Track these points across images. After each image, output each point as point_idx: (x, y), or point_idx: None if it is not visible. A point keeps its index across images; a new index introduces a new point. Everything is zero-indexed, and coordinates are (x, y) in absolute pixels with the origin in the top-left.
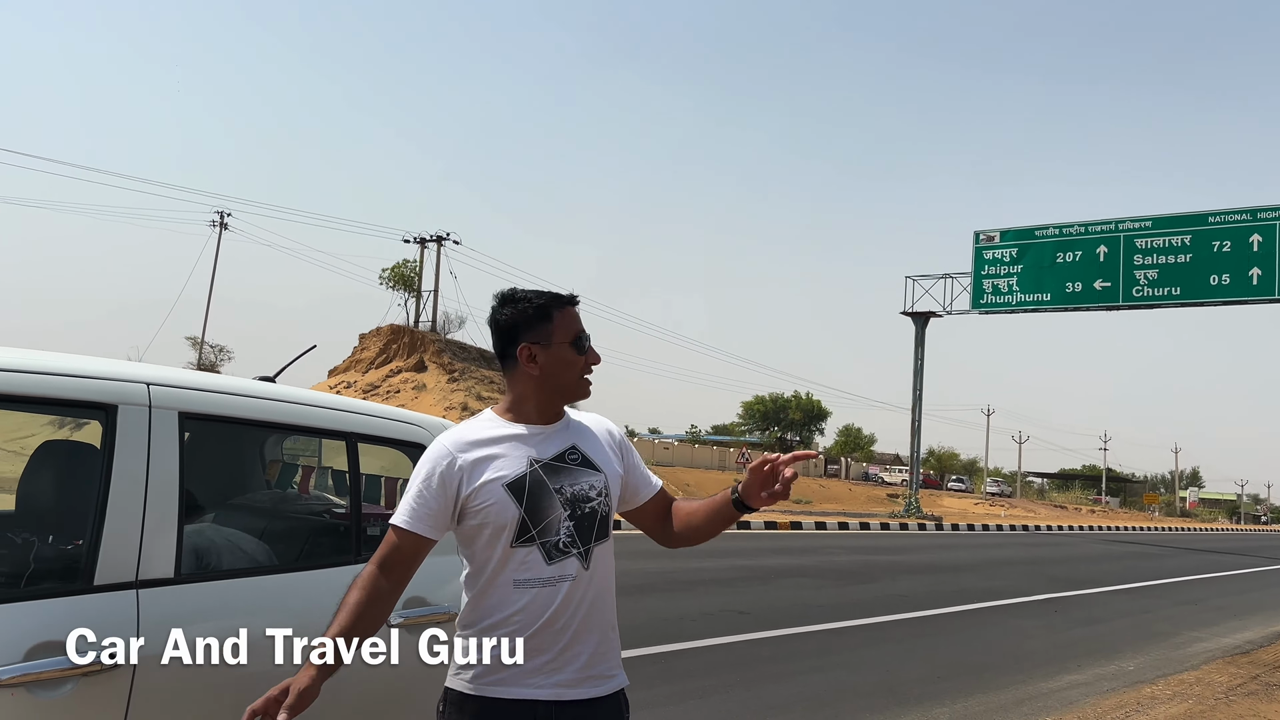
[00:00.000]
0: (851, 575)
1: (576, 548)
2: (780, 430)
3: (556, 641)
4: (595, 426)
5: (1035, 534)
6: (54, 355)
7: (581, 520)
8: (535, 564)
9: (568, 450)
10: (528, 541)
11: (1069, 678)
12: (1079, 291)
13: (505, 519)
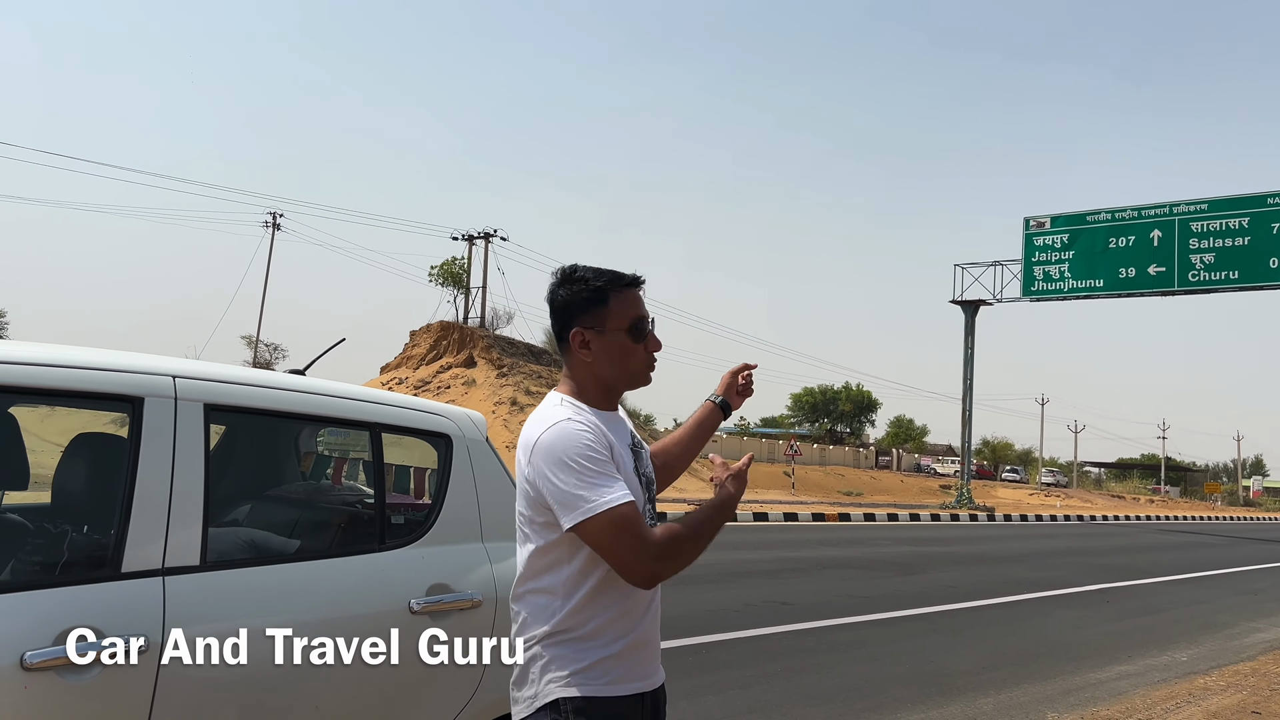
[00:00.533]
0: (899, 567)
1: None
2: (830, 422)
3: (653, 630)
4: (624, 414)
5: (1090, 524)
6: (82, 350)
7: (652, 503)
8: None
9: (633, 436)
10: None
11: (1119, 668)
12: (1133, 277)
13: (639, 505)
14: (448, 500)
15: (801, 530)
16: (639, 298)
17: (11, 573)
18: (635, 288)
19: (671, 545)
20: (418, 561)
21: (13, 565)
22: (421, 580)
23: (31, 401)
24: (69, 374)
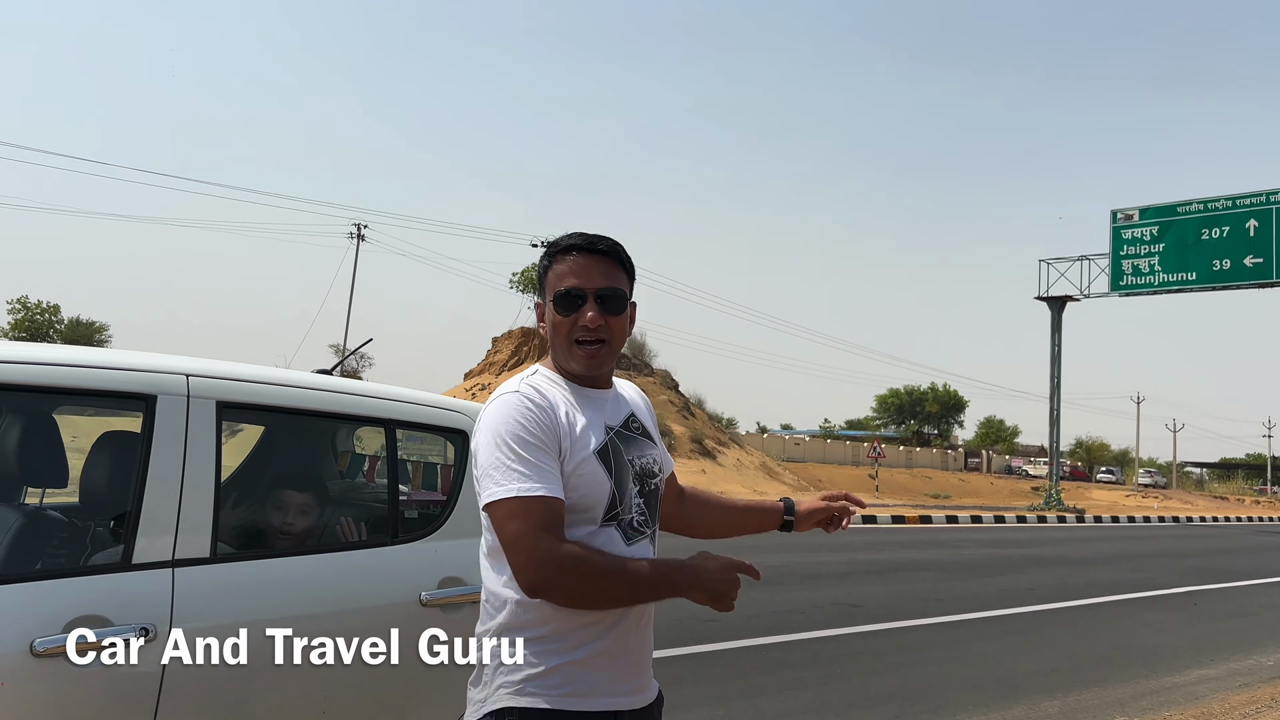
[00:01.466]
0: (977, 569)
1: (648, 528)
2: (916, 423)
3: (636, 640)
4: (635, 396)
5: (1188, 526)
6: (97, 350)
7: (649, 497)
8: (617, 546)
9: (630, 418)
10: (612, 519)
11: (1198, 672)
12: (1227, 269)
13: (600, 493)
14: (462, 494)
15: (878, 533)
16: (578, 265)
17: (39, 564)
18: (570, 254)
19: (571, 567)
20: (430, 555)
21: (41, 558)
22: (433, 573)
23: (47, 401)
24: (83, 373)
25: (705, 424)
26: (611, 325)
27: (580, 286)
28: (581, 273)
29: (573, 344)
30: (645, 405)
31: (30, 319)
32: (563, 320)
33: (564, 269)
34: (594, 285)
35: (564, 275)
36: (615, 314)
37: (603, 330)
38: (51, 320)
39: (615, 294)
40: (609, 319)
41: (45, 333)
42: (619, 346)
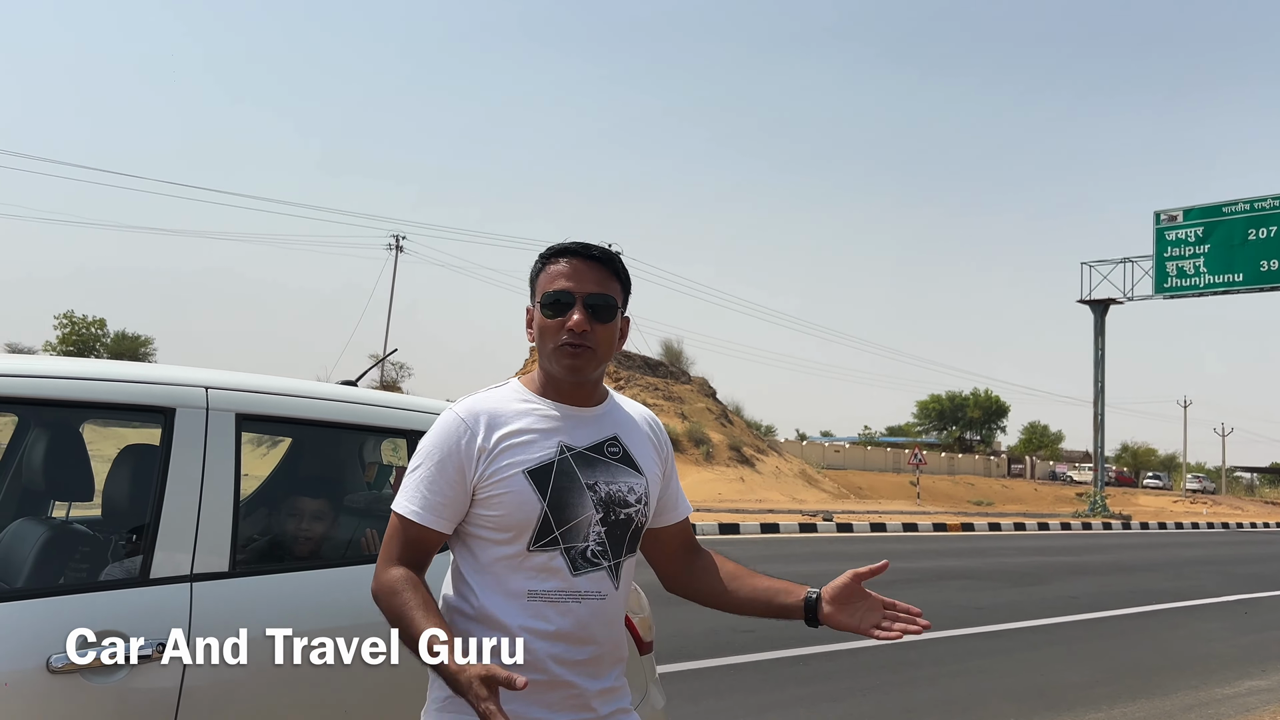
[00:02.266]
0: (1020, 577)
1: (608, 559)
2: (958, 429)
3: (577, 673)
4: (640, 420)
5: (1238, 532)
6: (116, 364)
7: (615, 527)
8: (558, 573)
9: (608, 441)
10: (550, 545)
11: (1250, 683)
12: (1275, 270)
13: (525, 514)
14: None
15: (920, 541)
16: (570, 269)
17: (62, 578)
18: (563, 257)
19: (376, 592)
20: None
21: (63, 573)
22: None
23: (74, 416)
24: (102, 387)
25: (743, 431)
26: (598, 333)
27: (569, 290)
28: (573, 276)
29: (556, 348)
30: (648, 433)
31: (77, 333)
32: (549, 323)
33: (555, 272)
34: (584, 290)
35: (555, 278)
36: (603, 321)
37: (589, 336)
38: (98, 334)
39: (605, 301)
40: (596, 325)
41: (92, 346)
42: (605, 356)
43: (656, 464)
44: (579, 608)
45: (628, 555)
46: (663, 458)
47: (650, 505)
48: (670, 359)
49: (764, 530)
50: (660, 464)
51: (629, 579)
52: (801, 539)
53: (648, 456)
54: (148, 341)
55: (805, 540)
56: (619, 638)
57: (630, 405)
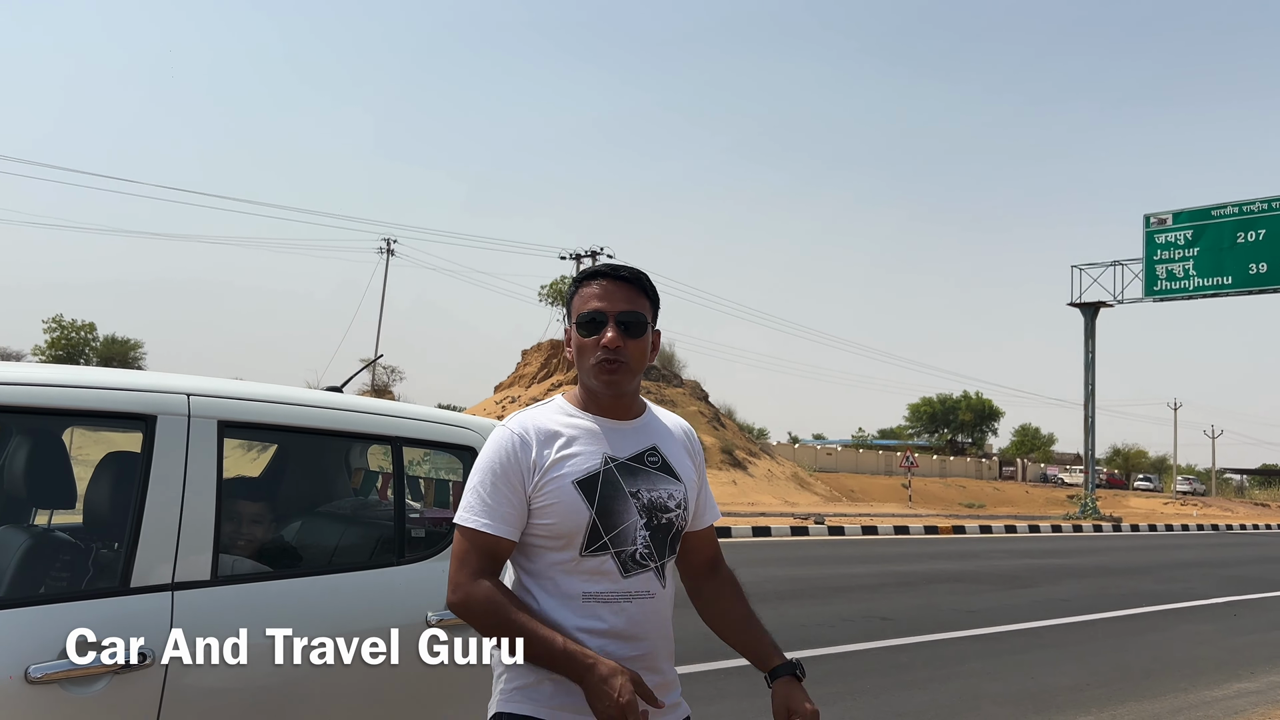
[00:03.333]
0: (1011, 580)
1: (654, 561)
2: (950, 432)
3: (633, 667)
4: (676, 429)
5: (1227, 534)
6: (98, 371)
7: (658, 531)
8: (610, 575)
9: (647, 451)
10: (600, 550)
11: (1238, 685)
12: (1264, 273)
13: (576, 522)
14: None
15: (911, 544)
16: (602, 290)
17: (43, 587)
18: (595, 279)
19: (464, 605)
20: (438, 574)
21: (44, 581)
22: (440, 593)
23: (56, 424)
24: (83, 394)
25: (736, 435)
26: (631, 348)
27: (602, 310)
28: (605, 297)
29: (593, 364)
30: (683, 441)
31: (66, 337)
32: (586, 341)
33: (589, 294)
34: (616, 308)
35: (588, 299)
36: (635, 337)
37: (622, 352)
38: (87, 338)
39: (636, 318)
40: (628, 341)
41: (81, 351)
42: (639, 369)
43: (693, 470)
44: (630, 607)
45: (670, 556)
46: (697, 464)
47: (689, 510)
48: (662, 362)
49: (755, 534)
50: (695, 470)
51: (673, 579)
52: (793, 542)
53: (684, 464)
54: (137, 346)
55: (796, 544)
56: (668, 634)
57: (666, 416)
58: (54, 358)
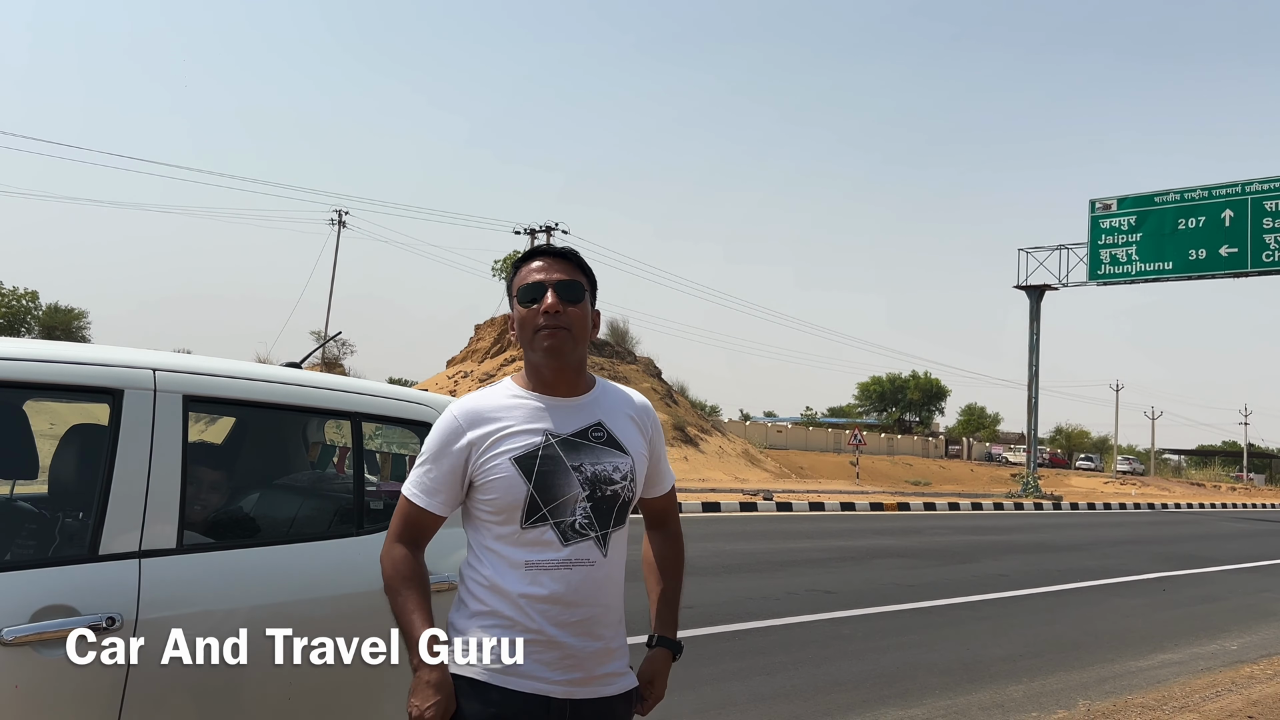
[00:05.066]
0: (952, 555)
1: (594, 530)
2: (898, 411)
3: (571, 633)
4: (628, 404)
5: (1163, 512)
6: (65, 345)
7: (601, 503)
8: (550, 545)
9: (592, 427)
10: (540, 521)
11: (1163, 657)
12: (1203, 259)
13: (514, 497)
14: None
15: (857, 520)
16: (539, 265)
17: (8, 555)
18: (533, 259)
19: (383, 563)
20: None
21: (10, 549)
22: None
23: (15, 395)
24: (52, 368)
25: (688, 411)
26: (571, 314)
27: (541, 280)
28: (542, 270)
29: (535, 333)
30: (634, 415)
31: (6, 305)
32: (526, 312)
33: (526, 270)
34: (553, 278)
35: (526, 275)
36: (574, 302)
37: (562, 317)
38: (29, 307)
39: (573, 284)
40: (568, 307)
41: (23, 319)
42: (581, 338)
43: (642, 444)
44: (570, 574)
45: (615, 527)
46: (649, 437)
47: (636, 481)
48: (615, 339)
49: (705, 509)
50: (647, 443)
51: (620, 548)
52: (742, 518)
53: (632, 438)
54: (82, 315)
55: (745, 519)
56: (610, 602)
57: (619, 390)
58: None
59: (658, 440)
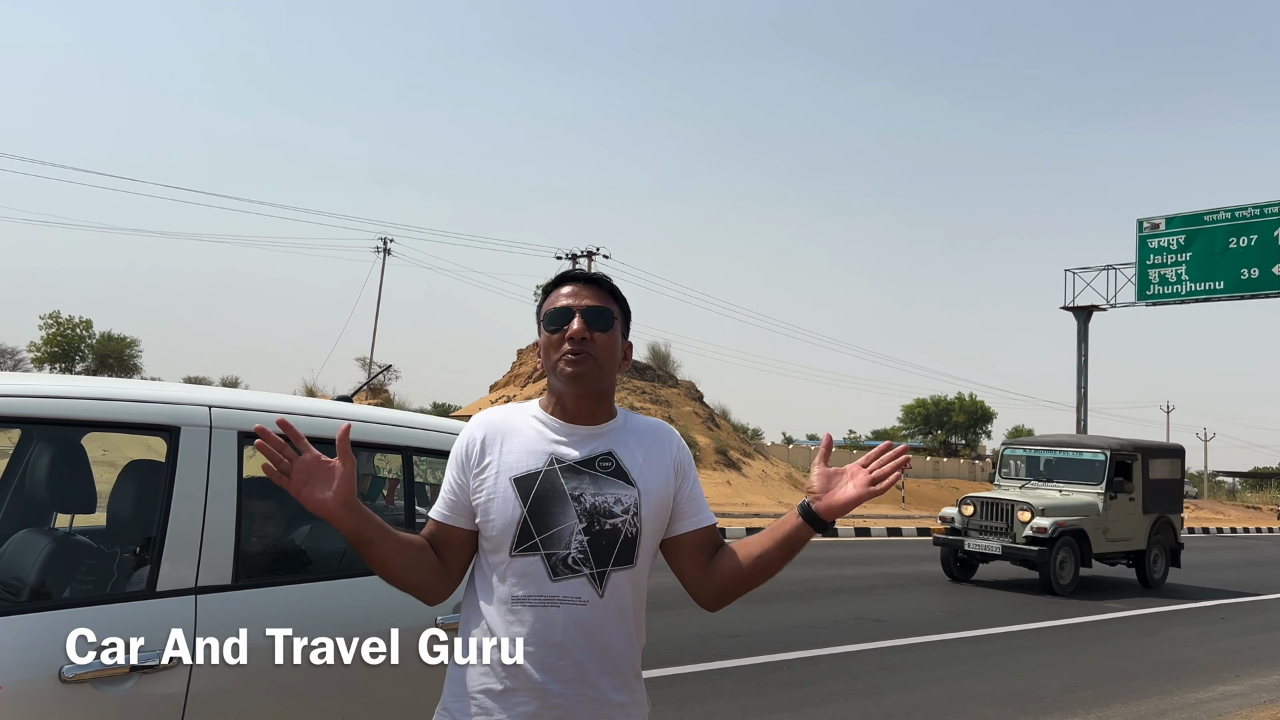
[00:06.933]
0: (1001, 583)
1: (589, 567)
2: (943, 433)
3: (557, 680)
4: (651, 436)
5: (1218, 537)
6: (123, 382)
7: (599, 537)
8: (537, 578)
9: (600, 456)
10: (530, 550)
11: (1223, 688)
12: (1256, 278)
13: (508, 517)
14: None
15: (905, 545)
16: (569, 290)
17: (67, 591)
18: (563, 284)
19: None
20: None
21: (69, 584)
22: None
23: (80, 432)
24: (112, 406)
25: (730, 435)
26: (598, 341)
27: (569, 305)
28: (571, 296)
29: (559, 359)
30: (655, 445)
31: (62, 334)
32: (552, 337)
33: (555, 295)
34: (581, 304)
35: (555, 299)
36: (602, 330)
37: (588, 344)
38: (83, 335)
39: (603, 311)
40: (595, 334)
41: (77, 347)
42: (607, 367)
43: (660, 476)
44: (556, 613)
45: (618, 566)
46: (670, 469)
47: (642, 518)
48: (657, 362)
49: (749, 535)
50: (668, 479)
51: (623, 591)
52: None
53: (648, 470)
54: (134, 343)
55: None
56: (608, 648)
57: (644, 421)
58: (50, 354)
59: (685, 476)
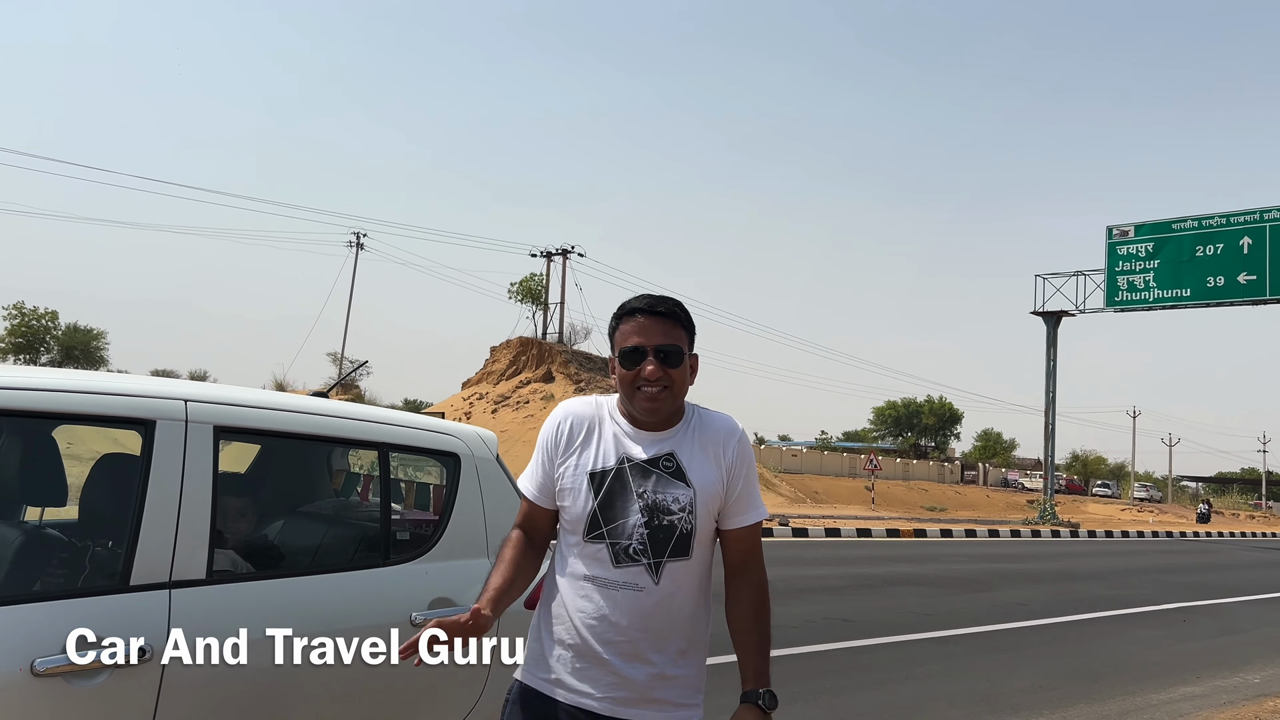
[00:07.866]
0: (970, 583)
1: (647, 558)
2: (913, 435)
3: (614, 653)
4: (712, 438)
5: (1182, 541)
6: (99, 375)
7: (658, 531)
8: (603, 563)
9: (663, 456)
10: (598, 538)
11: (1184, 689)
12: (1221, 286)
13: (580, 508)
14: (454, 516)
15: (874, 546)
16: (640, 325)
17: (38, 584)
18: (634, 315)
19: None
20: (421, 576)
21: (40, 577)
22: (424, 594)
23: (52, 424)
24: (86, 399)
25: None
26: (672, 375)
27: (641, 344)
28: (643, 332)
29: (635, 391)
30: (714, 447)
31: (26, 324)
32: (627, 374)
33: (628, 329)
34: (653, 342)
35: (628, 335)
36: (674, 366)
37: (663, 379)
38: (49, 326)
39: (673, 349)
40: (668, 370)
41: (42, 339)
42: (680, 393)
43: (714, 477)
44: (617, 595)
45: (674, 558)
46: (725, 468)
47: (697, 515)
48: None
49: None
50: (720, 475)
51: (678, 580)
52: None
53: (703, 470)
54: (100, 335)
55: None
56: (663, 630)
57: (709, 420)
58: (14, 345)
59: (742, 471)
